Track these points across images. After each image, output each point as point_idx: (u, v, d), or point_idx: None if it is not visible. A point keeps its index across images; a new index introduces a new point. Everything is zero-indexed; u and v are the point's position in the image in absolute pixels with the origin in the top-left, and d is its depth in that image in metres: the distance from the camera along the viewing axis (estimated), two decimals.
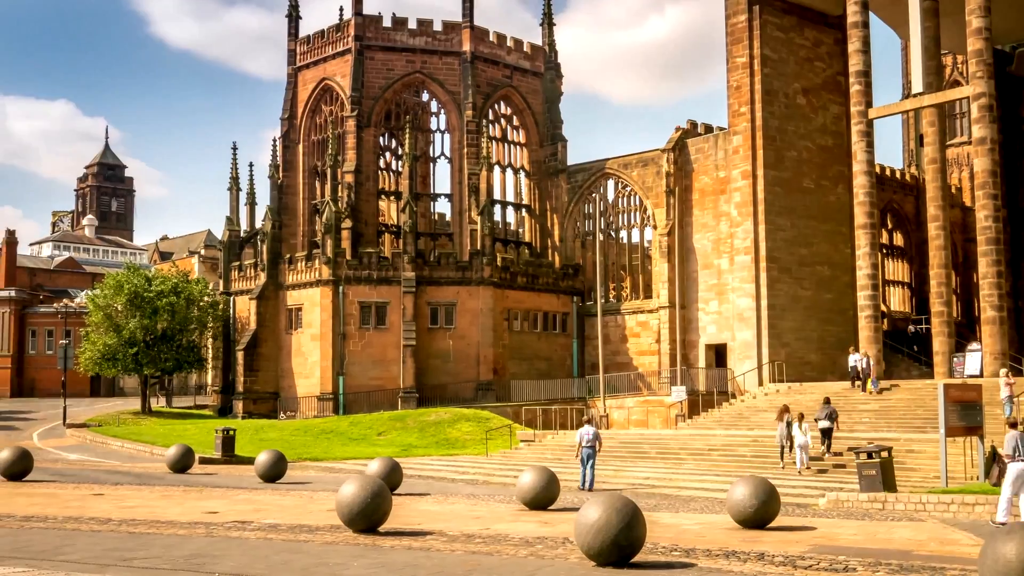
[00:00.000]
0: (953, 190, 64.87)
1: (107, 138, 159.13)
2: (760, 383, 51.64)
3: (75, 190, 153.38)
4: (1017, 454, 19.11)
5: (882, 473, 24.50)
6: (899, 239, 70.17)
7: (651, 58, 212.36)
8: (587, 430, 29.44)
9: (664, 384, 55.82)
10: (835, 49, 58.36)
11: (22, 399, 78.19)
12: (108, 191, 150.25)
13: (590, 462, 29.10)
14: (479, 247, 60.82)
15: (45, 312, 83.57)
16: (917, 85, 47.54)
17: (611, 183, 65.33)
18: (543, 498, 22.72)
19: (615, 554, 14.47)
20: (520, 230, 69.83)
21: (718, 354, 57.56)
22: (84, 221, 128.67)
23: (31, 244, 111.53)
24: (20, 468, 28.96)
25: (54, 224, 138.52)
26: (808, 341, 56.08)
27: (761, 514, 19.06)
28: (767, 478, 20.94)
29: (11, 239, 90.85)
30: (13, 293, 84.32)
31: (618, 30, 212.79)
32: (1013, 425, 19.79)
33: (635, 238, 65.29)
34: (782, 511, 20.35)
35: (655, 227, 61.49)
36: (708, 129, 61.10)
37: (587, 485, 28.89)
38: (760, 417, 41.65)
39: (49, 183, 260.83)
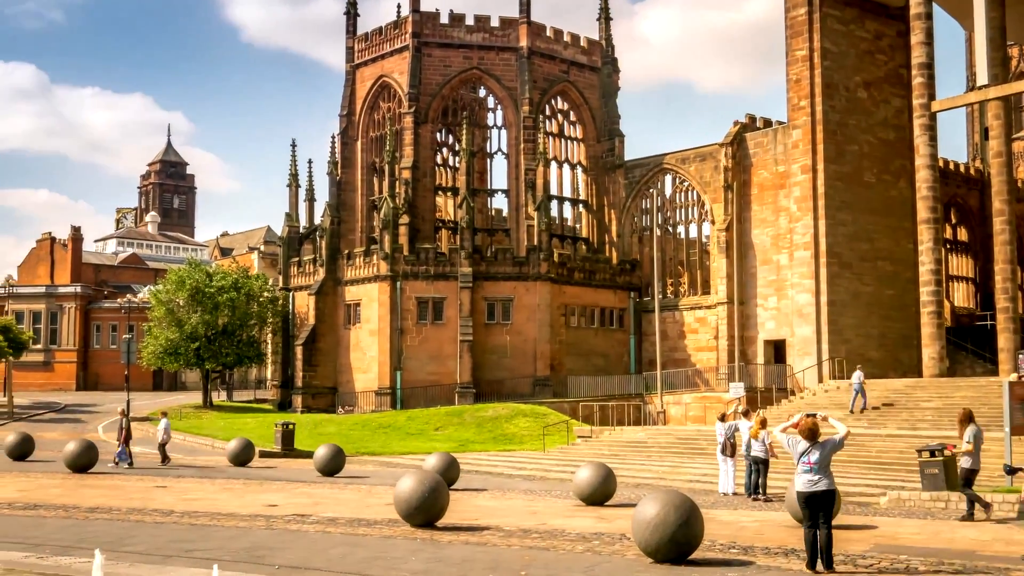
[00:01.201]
0: (1019, 184, 63.61)
1: (169, 136, 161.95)
2: (820, 380, 51.09)
3: (138, 187, 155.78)
4: None
5: (945, 472, 24.08)
6: (963, 234, 69.02)
7: (742, 42, 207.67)
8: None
9: (722, 380, 55.42)
10: (897, 41, 57.52)
11: (87, 392, 79.61)
12: (170, 188, 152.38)
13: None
14: (536, 243, 60.79)
15: (109, 307, 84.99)
16: (982, 77, 46.65)
17: (668, 178, 64.94)
18: (600, 494, 22.67)
19: (672, 551, 14.40)
20: (577, 226, 69.67)
21: (777, 350, 57.03)
22: (147, 218, 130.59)
23: (96, 240, 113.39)
24: (85, 460, 29.51)
25: (118, 221, 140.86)
26: (869, 337, 55.35)
27: None
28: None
29: (76, 236, 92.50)
30: (79, 289, 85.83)
31: (714, 11, 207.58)
32: None
33: (693, 233, 64.90)
34: (842, 509, 20.12)
35: (713, 222, 61.03)
36: (767, 123, 60.53)
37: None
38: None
39: (126, 178, 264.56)
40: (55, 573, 13.54)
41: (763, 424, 25.05)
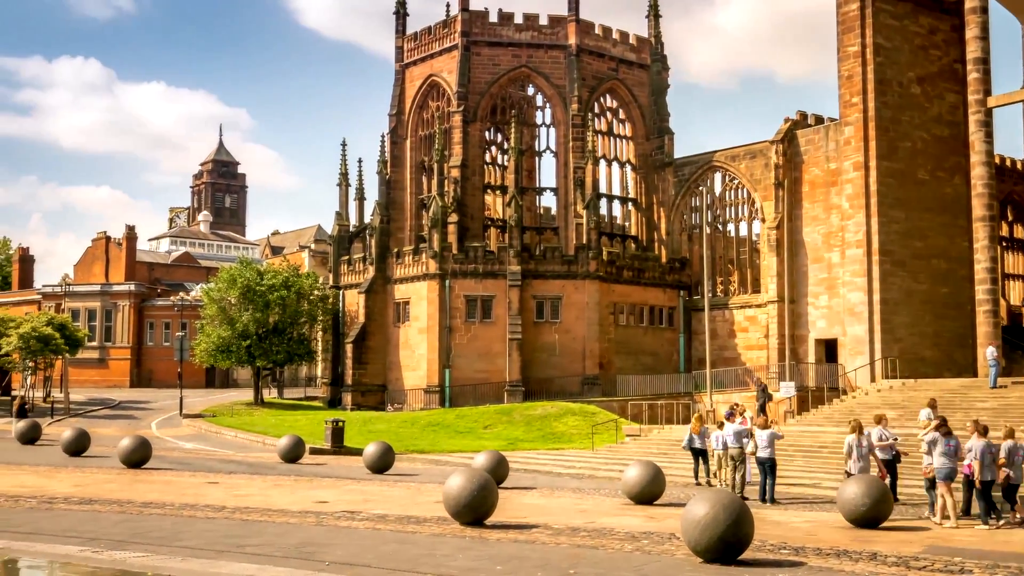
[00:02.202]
0: None
1: (221, 135, 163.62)
2: (872, 379, 50.49)
3: (191, 187, 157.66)
4: None
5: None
6: (1020, 231, 67.93)
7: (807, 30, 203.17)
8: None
9: (773, 379, 54.95)
10: (951, 36, 56.67)
11: (140, 389, 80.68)
12: (222, 187, 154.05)
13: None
14: (585, 241, 60.69)
15: (162, 305, 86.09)
16: None
17: (718, 175, 64.54)
18: (649, 493, 22.60)
19: (722, 551, 14.32)
20: (626, 224, 69.43)
21: (828, 349, 56.47)
22: (199, 217, 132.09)
23: (150, 239, 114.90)
24: (139, 456, 29.92)
25: (171, 220, 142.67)
26: (923, 336, 54.62)
27: (873, 513, 18.67)
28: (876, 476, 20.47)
29: (131, 235, 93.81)
30: (133, 287, 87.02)
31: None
32: None
33: (743, 231, 64.45)
34: (893, 511, 19.90)
35: (763, 220, 60.56)
36: (818, 120, 59.96)
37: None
38: (873, 414, 40.64)
39: (187, 175, 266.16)
40: (110, 567, 13.72)
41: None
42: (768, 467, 23.94)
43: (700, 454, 28.90)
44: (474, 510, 18.26)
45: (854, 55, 54.68)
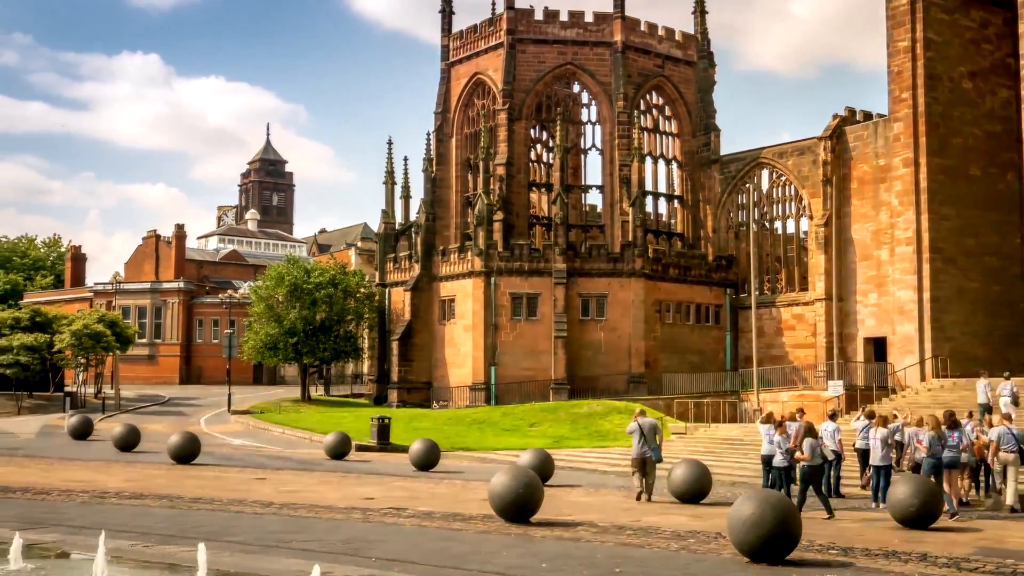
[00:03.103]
0: None
1: (268, 134, 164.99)
2: (922, 378, 49.90)
3: (239, 185, 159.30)
4: None
5: None
6: None
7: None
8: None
9: (820, 378, 54.46)
10: (1004, 30, 55.79)
11: (190, 386, 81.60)
12: (269, 186, 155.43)
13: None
14: (630, 238, 60.50)
15: (211, 303, 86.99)
16: None
17: (765, 172, 64.04)
18: (695, 491, 22.50)
19: (769, 550, 14.23)
20: (672, 221, 69.09)
21: (877, 348, 55.85)
22: (247, 215, 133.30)
23: (199, 238, 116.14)
24: (188, 452, 30.27)
25: (219, 218, 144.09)
26: (975, 335, 53.84)
27: (923, 513, 18.47)
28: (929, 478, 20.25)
29: (180, 233, 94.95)
30: (182, 284, 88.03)
31: None
32: None
33: (790, 229, 63.88)
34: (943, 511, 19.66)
35: (811, 217, 60.03)
36: (867, 116, 59.32)
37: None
38: (923, 413, 40.17)
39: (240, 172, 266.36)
40: (160, 561, 13.90)
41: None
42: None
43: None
44: (519, 508, 18.27)
45: (904, 50, 54.03)
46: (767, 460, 23.12)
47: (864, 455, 25.30)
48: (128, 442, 34.65)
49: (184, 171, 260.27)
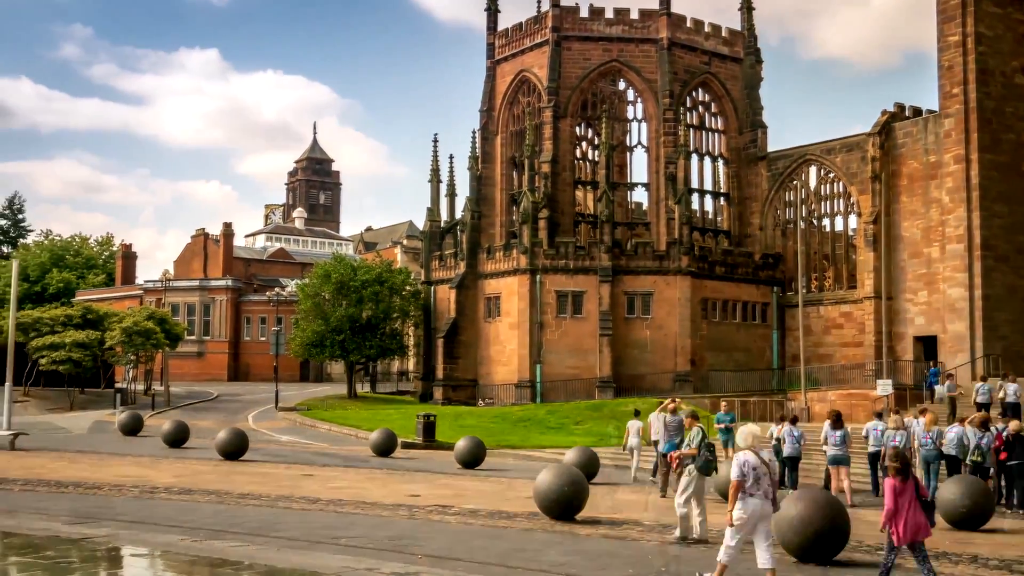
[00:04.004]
0: None
1: (315, 133, 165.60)
2: (973, 377, 49.15)
3: (286, 184, 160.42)
4: None
5: None
6: None
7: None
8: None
9: (869, 377, 53.85)
10: None
11: (237, 383, 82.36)
12: (316, 184, 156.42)
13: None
14: (676, 236, 60.21)
15: (258, 300, 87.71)
16: None
17: (813, 169, 63.46)
18: None
19: (818, 550, 14.12)
20: (718, 219, 68.67)
21: (927, 347, 55.15)
22: (294, 213, 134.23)
23: (246, 236, 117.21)
24: (236, 448, 30.56)
25: (267, 216, 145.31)
26: None
27: (973, 514, 18.23)
28: (978, 478, 20.02)
29: (228, 232, 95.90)
30: (230, 282, 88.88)
31: None
32: None
33: (839, 226, 63.22)
34: (996, 512, 19.40)
35: (860, 214, 59.39)
36: (916, 112, 58.60)
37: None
38: (973, 413, 39.62)
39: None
40: (209, 556, 14.04)
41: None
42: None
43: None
44: (565, 506, 18.27)
45: (955, 45, 53.29)
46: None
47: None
48: (177, 438, 35.05)
49: (238, 167, 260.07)
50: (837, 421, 24.23)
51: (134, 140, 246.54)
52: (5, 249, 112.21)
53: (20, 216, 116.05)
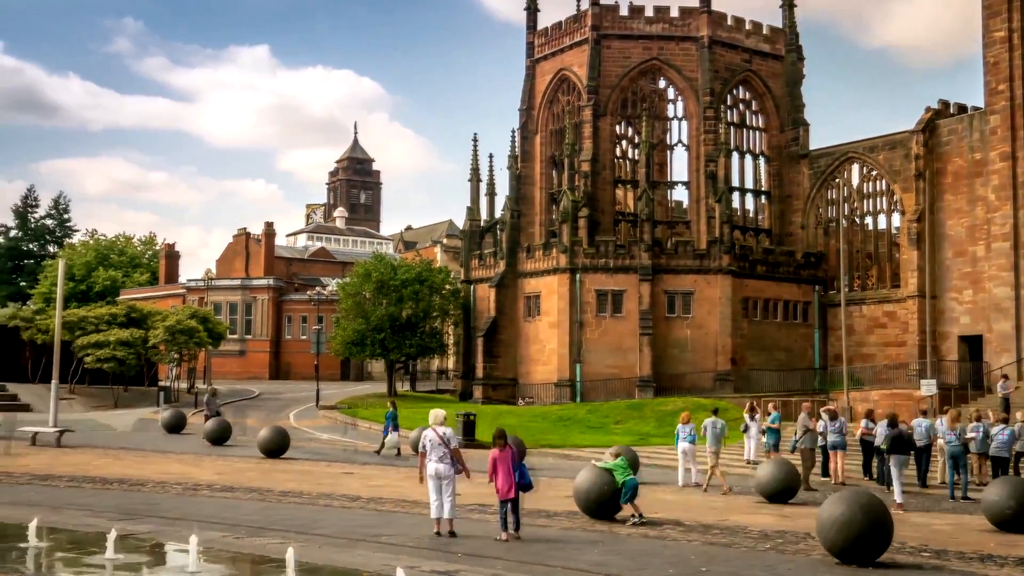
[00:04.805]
0: None
1: (356, 133, 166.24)
2: (1020, 377, 48.57)
3: (327, 184, 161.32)
4: None
5: None
6: None
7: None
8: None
9: (912, 377, 53.28)
10: None
11: (279, 381, 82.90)
12: (357, 184, 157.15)
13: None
14: (716, 235, 59.89)
15: (299, 299, 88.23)
16: None
17: (856, 167, 62.88)
18: (783, 491, 22.21)
19: (860, 552, 13.99)
20: (759, 217, 68.22)
21: (972, 346, 54.46)
22: (335, 213, 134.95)
23: (288, 235, 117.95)
24: (278, 446, 30.76)
25: (308, 216, 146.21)
26: None
27: (1020, 516, 17.96)
28: None
29: (269, 231, 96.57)
30: (271, 281, 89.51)
31: None
32: None
33: (881, 225, 62.62)
34: None
35: (903, 213, 58.77)
36: (961, 109, 57.89)
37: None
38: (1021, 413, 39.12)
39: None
40: (250, 552, 14.15)
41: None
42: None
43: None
44: (604, 505, 18.24)
45: (1000, 40, 52.57)
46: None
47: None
48: (219, 436, 35.34)
49: (285, 164, 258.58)
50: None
51: (182, 137, 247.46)
52: (51, 249, 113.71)
53: (66, 216, 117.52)
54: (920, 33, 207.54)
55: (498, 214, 68.65)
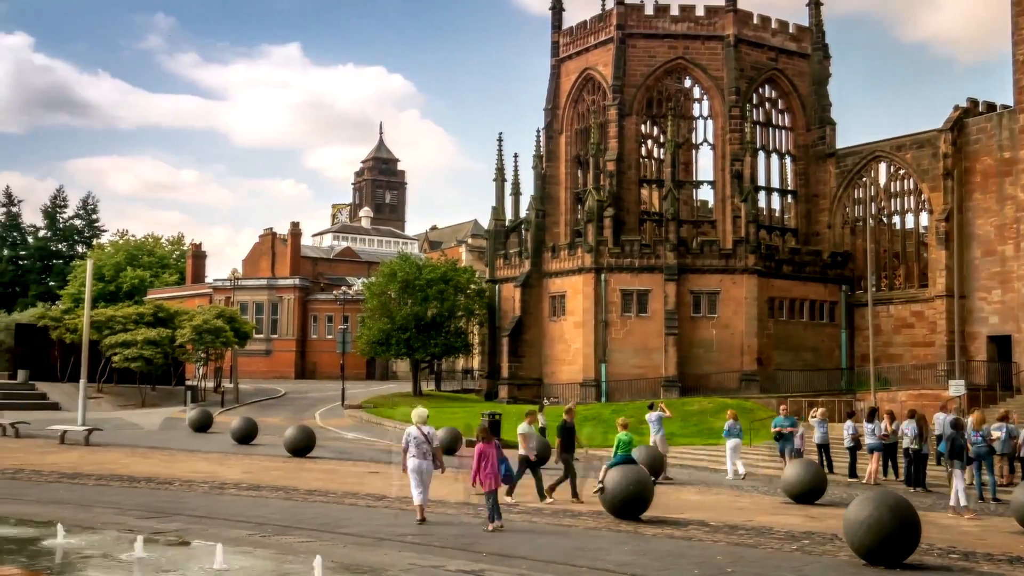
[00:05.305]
0: None
1: (381, 133, 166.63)
2: None
3: (352, 183, 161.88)
4: None
5: None
6: None
7: None
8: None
9: (940, 377, 52.92)
10: None
11: (304, 380, 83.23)
12: (382, 184, 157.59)
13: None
14: (742, 234, 59.66)
15: (325, 299, 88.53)
16: None
17: (883, 166, 62.48)
18: (809, 491, 22.10)
19: (887, 553, 13.90)
20: (785, 217, 67.90)
21: (1000, 347, 54.03)
22: (361, 213, 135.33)
23: (313, 235, 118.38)
24: (304, 445, 30.87)
25: (334, 216, 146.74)
26: None
27: None
28: None
29: (295, 231, 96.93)
30: (297, 281, 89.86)
31: None
32: None
33: (909, 224, 62.21)
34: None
35: (931, 212, 58.35)
36: (990, 107, 57.42)
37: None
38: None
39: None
40: (277, 551, 14.21)
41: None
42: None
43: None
44: (630, 505, 18.21)
45: None
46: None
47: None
48: (246, 435, 35.52)
49: (314, 163, 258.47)
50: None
51: (212, 136, 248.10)
52: (80, 249, 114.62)
53: (94, 216, 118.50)
54: (950, 31, 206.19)
55: (523, 214, 68.65)
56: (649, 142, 69.26)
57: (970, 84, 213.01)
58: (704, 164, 68.03)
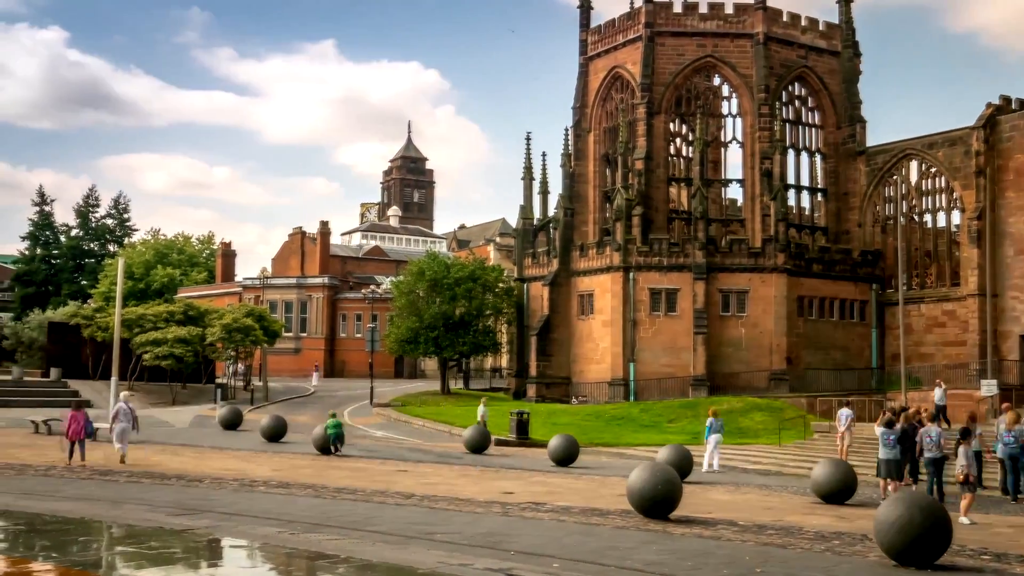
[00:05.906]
0: None
1: (409, 132, 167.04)
2: None
3: (381, 183, 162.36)
4: None
5: None
6: None
7: None
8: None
9: (972, 377, 52.47)
10: None
11: (333, 379, 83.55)
12: (411, 183, 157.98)
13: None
14: (771, 233, 59.36)
15: (353, 297, 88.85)
16: None
17: (914, 164, 61.98)
18: (839, 491, 21.98)
19: (918, 554, 13.80)
20: (815, 215, 67.48)
21: None
22: (389, 212, 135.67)
23: (342, 234, 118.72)
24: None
25: (362, 215, 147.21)
26: None
27: None
28: None
29: (324, 230, 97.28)
30: (326, 280, 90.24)
31: None
32: None
33: (941, 222, 61.66)
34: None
35: (963, 210, 57.84)
36: (1023, 105, 56.85)
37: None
38: None
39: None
40: (306, 549, 14.27)
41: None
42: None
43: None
44: (658, 504, 18.16)
45: None
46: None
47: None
48: (275, 433, 35.72)
49: (347, 159, 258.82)
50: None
51: (245, 133, 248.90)
52: (112, 248, 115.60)
53: (125, 215, 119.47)
54: (1001, 23, 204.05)
55: (551, 212, 68.59)
56: (678, 140, 69.03)
57: (1010, 81, 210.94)
58: (733, 162, 67.63)
